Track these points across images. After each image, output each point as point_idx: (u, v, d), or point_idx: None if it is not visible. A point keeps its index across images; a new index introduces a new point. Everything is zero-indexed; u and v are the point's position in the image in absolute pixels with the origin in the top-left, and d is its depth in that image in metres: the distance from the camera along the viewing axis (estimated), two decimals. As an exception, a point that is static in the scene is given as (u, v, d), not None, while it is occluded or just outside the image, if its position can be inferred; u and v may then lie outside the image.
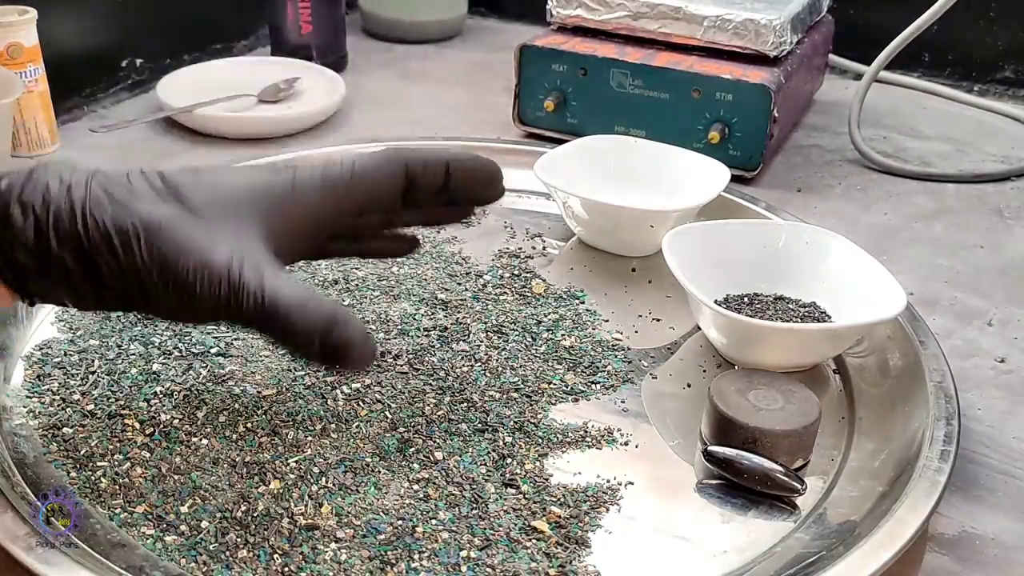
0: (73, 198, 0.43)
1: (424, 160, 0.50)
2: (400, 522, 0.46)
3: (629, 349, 0.61)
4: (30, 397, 0.54)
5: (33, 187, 0.43)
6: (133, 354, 0.57)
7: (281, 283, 0.44)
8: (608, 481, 0.50)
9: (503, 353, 0.59)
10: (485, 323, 0.62)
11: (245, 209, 0.46)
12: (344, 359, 0.44)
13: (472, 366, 0.58)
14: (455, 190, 0.51)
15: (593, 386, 0.57)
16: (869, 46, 0.94)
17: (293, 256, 0.50)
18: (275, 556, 0.44)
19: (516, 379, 0.57)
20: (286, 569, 0.44)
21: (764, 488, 0.49)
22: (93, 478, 0.48)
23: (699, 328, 0.62)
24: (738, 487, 0.49)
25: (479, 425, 0.53)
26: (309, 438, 0.51)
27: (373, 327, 0.61)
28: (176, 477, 0.49)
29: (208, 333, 0.59)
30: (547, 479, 0.50)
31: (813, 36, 0.93)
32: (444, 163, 0.50)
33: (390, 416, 0.53)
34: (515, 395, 0.56)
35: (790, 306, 0.61)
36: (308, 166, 0.49)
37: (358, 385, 0.55)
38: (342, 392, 0.55)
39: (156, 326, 0.60)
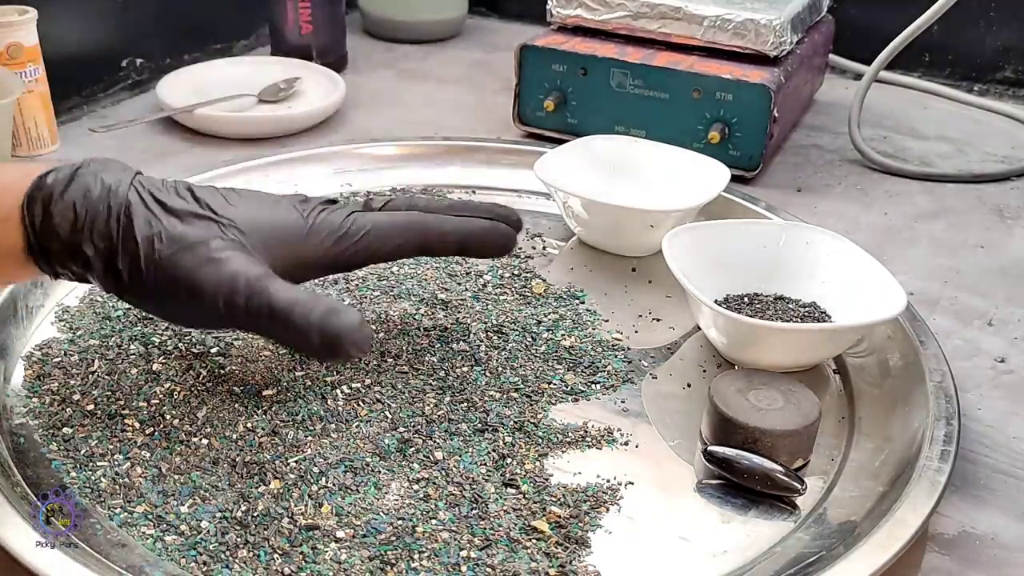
0: (111, 203, 0.47)
1: (441, 232, 0.54)
2: (400, 522, 0.46)
3: (629, 349, 0.61)
4: (30, 397, 0.54)
5: (78, 185, 0.47)
6: (133, 354, 0.57)
7: (283, 286, 0.48)
8: (608, 481, 0.50)
9: (503, 353, 0.59)
10: (485, 323, 0.62)
11: (259, 241, 0.49)
12: (339, 348, 0.46)
13: (472, 366, 0.58)
14: (467, 252, 0.56)
15: (593, 386, 0.57)
16: (869, 46, 0.94)
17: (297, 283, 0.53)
18: (275, 556, 0.44)
19: (516, 379, 0.57)
20: (286, 569, 0.44)
21: (764, 488, 0.49)
22: (93, 478, 0.48)
23: (699, 328, 0.62)
24: (738, 487, 0.49)
25: (479, 425, 0.53)
26: (309, 438, 0.51)
27: (373, 327, 0.61)
28: (176, 477, 0.49)
29: (208, 333, 0.59)
30: (547, 479, 0.50)
31: (813, 36, 0.93)
32: (461, 236, 0.54)
33: (390, 416, 0.53)
34: (515, 395, 0.56)
35: (790, 306, 0.61)
36: (328, 213, 0.52)
37: (358, 385, 0.55)
38: (342, 392, 0.55)
39: (156, 326, 0.60)
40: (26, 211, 0.46)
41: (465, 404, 0.54)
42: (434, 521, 0.47)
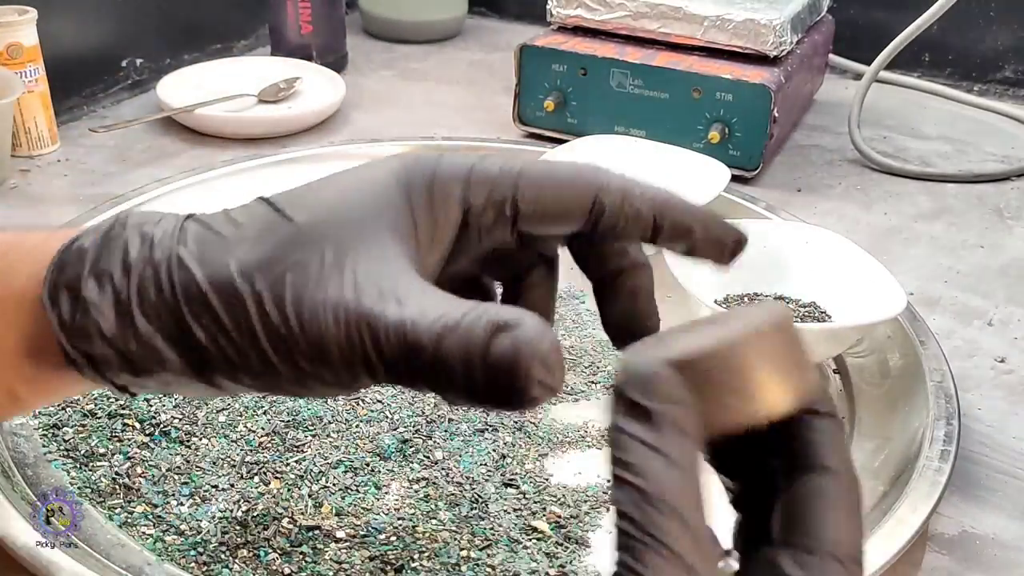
0: (156, 258, 0.32)
1: (624, 191, 0.35)
2: (400, 522, 0.46)
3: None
4: (30, 397, 0.54)
5: (110, 251, 0.32)
6: (133, 354, 0.57)
7: (425, 302, 0.31)
8: (608, 481, 0.50)
9: (503, 353, 0.59)
10: (485, 323, 0.62)
11: (368, 213, 0.33)
12: (514, 387, 0.30)
13: (472, 366, 0.58)
14: (666, 243, 0.36)
15: (593, 386, 0.57)
16: (869, 46, 0.94)
17: (442, 264, 0.36)
18: (275, 556, 0.44)
19: (516, 379, 0.57)
20: (286, 569, 0.44)
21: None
22: (93, 478, 0.48)
23: (699, 328, 0.62)
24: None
25: (479, 425, 0.53)
26: (309, 438, 0.51)
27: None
28: (176, 477, 0.49)
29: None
30: (547, 479, 0.50)
31: (813, 36, 0.93)
32: (651, 209, 0.35)
33: (390, 416, 0.53)
34: (515, 395, 0.55)
35: (790, 306, 0.61)
36: (460, 155, 0.35)
37: (358, 385, 0.55)
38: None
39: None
40: (50, 306, 0.32)
41: (465, 404, 0.54)
42: (434, 521, 0.47)
